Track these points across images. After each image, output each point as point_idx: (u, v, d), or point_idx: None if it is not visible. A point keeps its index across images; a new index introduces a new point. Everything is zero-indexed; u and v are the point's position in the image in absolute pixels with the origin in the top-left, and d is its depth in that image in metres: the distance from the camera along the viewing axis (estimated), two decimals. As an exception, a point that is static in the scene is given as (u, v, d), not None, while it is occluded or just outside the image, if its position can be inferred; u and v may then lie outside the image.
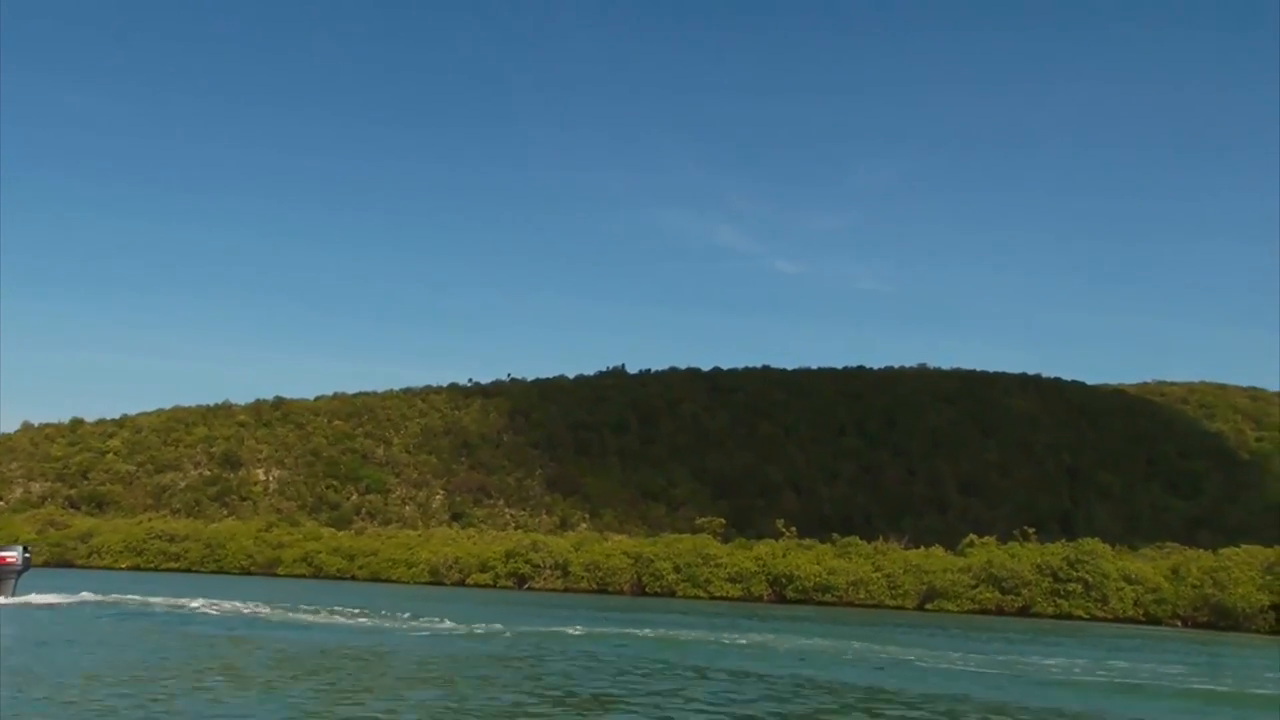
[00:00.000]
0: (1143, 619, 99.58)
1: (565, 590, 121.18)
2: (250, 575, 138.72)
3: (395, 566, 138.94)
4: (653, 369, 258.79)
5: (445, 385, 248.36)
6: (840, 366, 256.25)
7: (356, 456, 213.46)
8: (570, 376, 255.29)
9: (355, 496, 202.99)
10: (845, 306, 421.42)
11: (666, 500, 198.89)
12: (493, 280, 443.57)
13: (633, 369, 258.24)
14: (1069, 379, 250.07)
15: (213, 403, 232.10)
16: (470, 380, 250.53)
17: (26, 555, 52.88)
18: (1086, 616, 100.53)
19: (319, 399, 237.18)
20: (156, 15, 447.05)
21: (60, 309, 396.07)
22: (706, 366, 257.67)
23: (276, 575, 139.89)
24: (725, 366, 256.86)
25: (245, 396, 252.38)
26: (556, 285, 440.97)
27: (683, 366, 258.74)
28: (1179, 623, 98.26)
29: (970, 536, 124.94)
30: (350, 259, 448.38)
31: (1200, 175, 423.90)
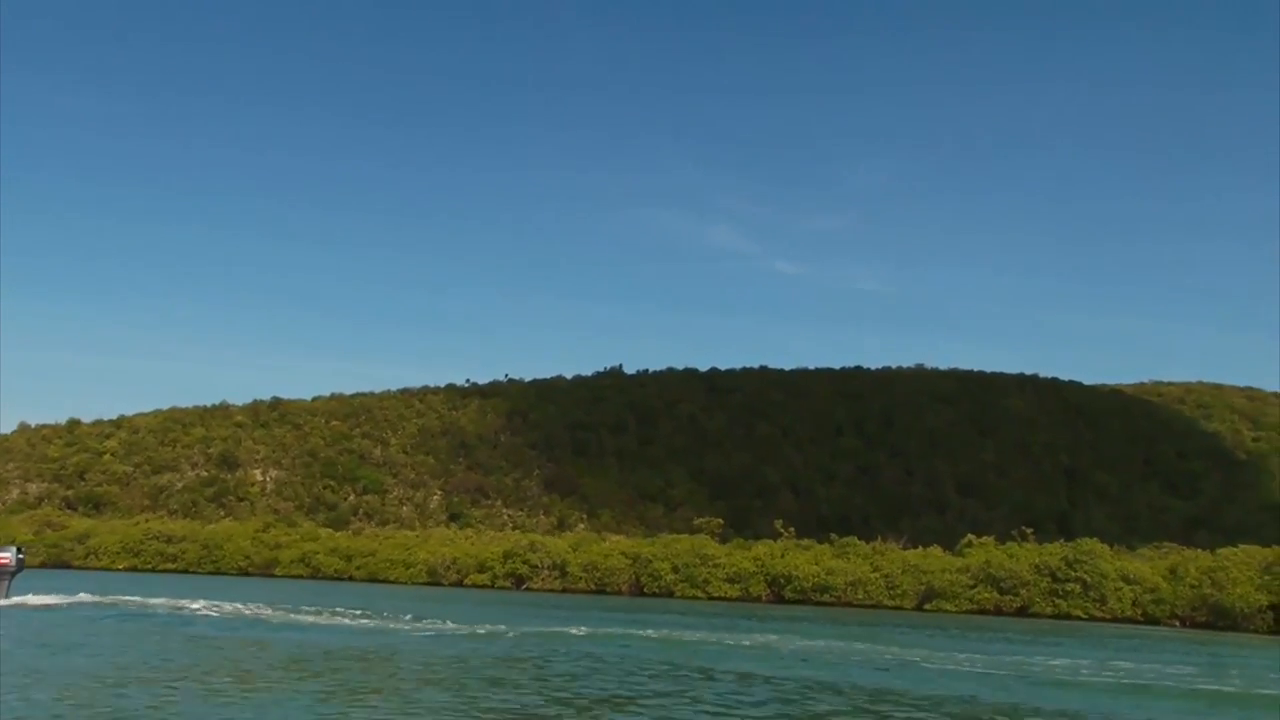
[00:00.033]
0: (1141, 619, 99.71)
1: (563, 591, 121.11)
2: (248, 576, 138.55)
3: (393, 567, 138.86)
4: (650, 369, 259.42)
5: (443, 386, 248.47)
6: (838, 367, 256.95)
7: (354, 457, 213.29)
8: (568, 377, 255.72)
9: (353, 497, 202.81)
10: (843, 307, 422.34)
11: (664, 501, 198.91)
12: (490, 281, 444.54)
13: (630, 369, 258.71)
14: (1066, 379, 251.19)
15: (210, 403, 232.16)
16: (468, 381, 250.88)
17: (20, 556, 52.05)
18: (1085, 617, 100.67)
19: (316, 399, 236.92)
20: (156, 15, 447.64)
21: (57, 309, 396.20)
22: (704, 367, 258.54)
23: (274, 576, 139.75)
24: (723, 367, 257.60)
25: (242, 397, 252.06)
26: (554, 286, 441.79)
27: (680, 367, 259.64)
28: (1177, 623, 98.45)
29: (969, 537, 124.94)
30: (347, 259, 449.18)
31: (1199, 176, 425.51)
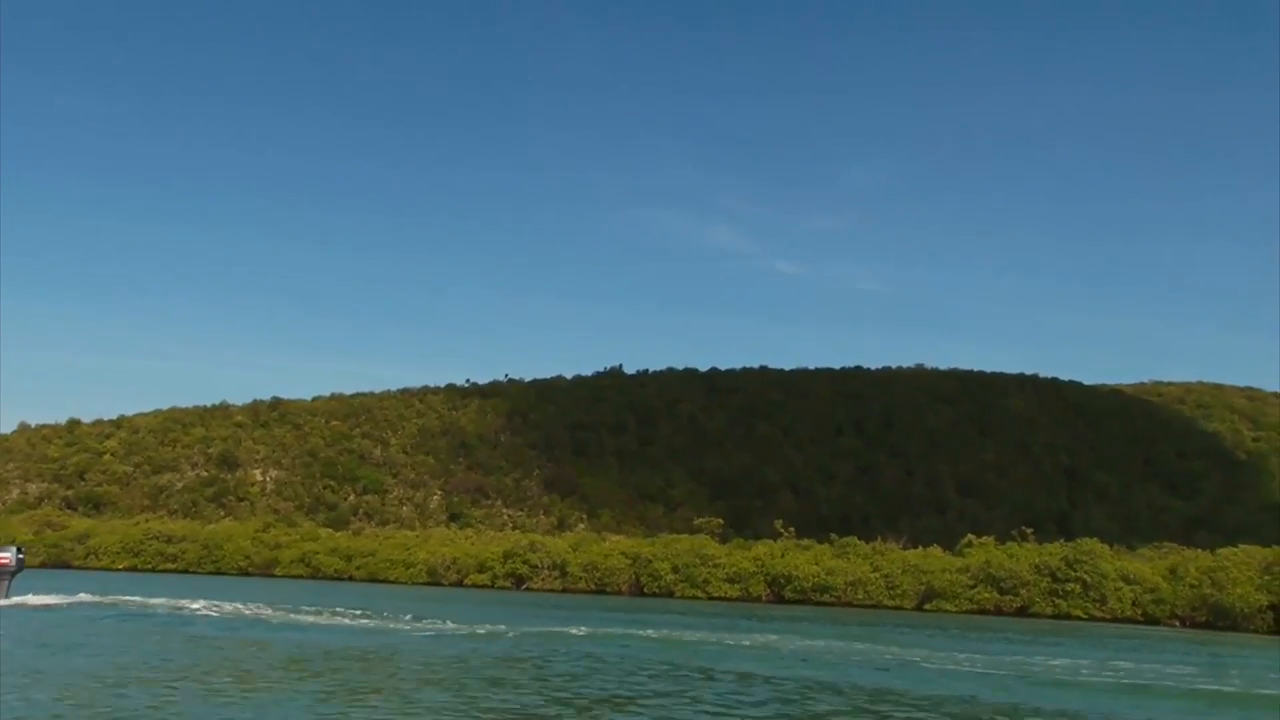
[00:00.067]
0: (1141, 619, 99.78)
1: (563, 591, 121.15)
2: (248, 576, 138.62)
3: (393, 567, 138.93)
4: (650, 369, 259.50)
5: (443, 386, 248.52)
6: (838, 367, 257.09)
7: (354, 457, 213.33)
8: (568, 377, 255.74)
9: (353, 497, 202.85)
10: (843, 307, 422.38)
11: (664, 501, 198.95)
12: (490, 281, 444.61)
13: (630, 369, 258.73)
14: (1066, 379, 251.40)
15: (210, 403, 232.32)
16: (468, 381, 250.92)
17: (20, 556, 51.91)
18: (1085, 617, 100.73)
19: (316, 399, 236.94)
20: (156, 15, 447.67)
21: (57, 309, 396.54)
22: (704, 367, 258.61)
23: (274, 576, 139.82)
24: (723, 367, 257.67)
25: (242, 397, 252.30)
26: (554, 286, 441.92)
27: (680, 367, 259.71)
28: (1177, 623, 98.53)
29: (968, 537, 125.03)
30: (347, 259, 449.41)
31: (1199, 176, 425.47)
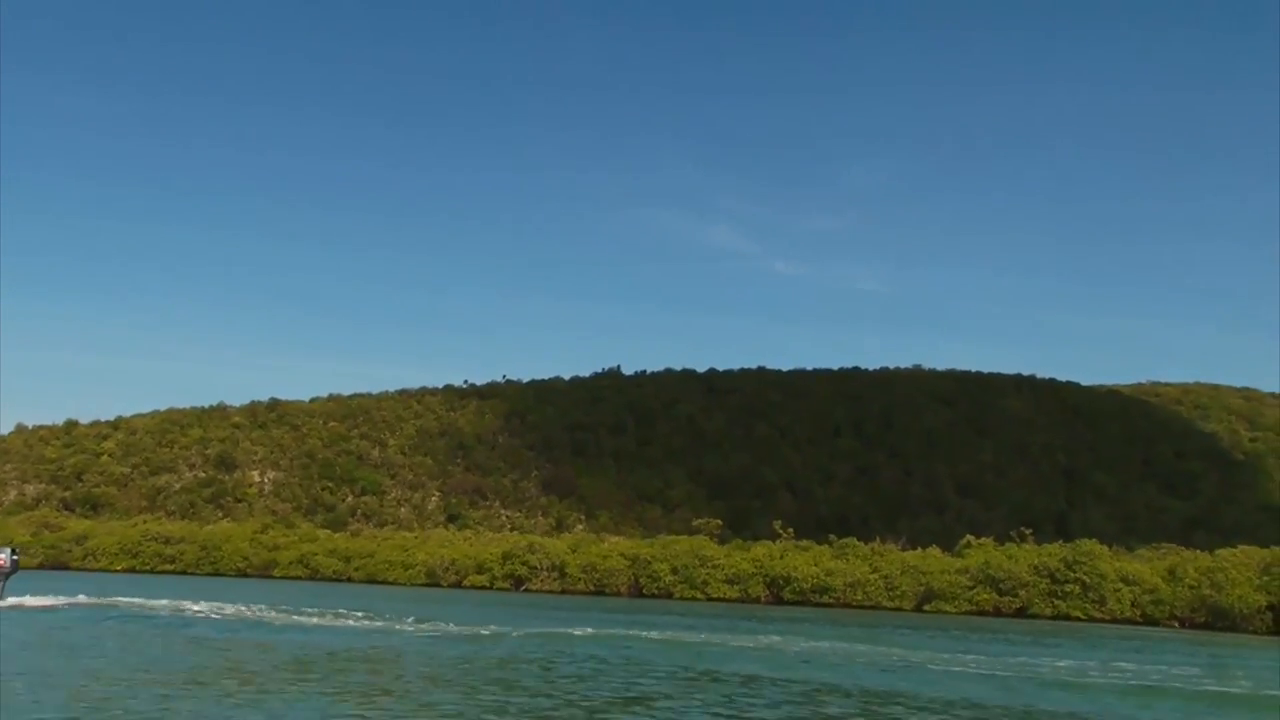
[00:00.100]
0: (1140, 620, 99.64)
1: (562, 592, 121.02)
2: (246, 577, 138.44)
3: (391, 568, 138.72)
4: (649, 370, 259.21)
5: (441, 387, 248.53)
6: (836, 368, 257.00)
7: (352, 458, 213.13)
8: (566, 378, 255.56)
9: (351, 498, 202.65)
10: (842, 307, 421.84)
11: (662, 502, 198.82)
12: (490, 281, 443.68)
13: (629, 370, 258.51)
14: (1064, 380, 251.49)
15: (207, 404, 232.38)
16: (466, 382, 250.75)
17: (15, 557, 51.83)
18: (1084, 618, 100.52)
19: (314, 401, 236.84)
20: (156, 15, 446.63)
21: (55, 310, 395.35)
22: (702, 368, 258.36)
23: (272, 577, 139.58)
24: (721, 368, 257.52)
25: (240, 398, 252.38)
26: (552, 286, 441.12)
27: (679, 368, 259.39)
28: (1176, 624, 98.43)
29: (967, 538, 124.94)
30: (347, 259, 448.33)
31: (1199, 176, 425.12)
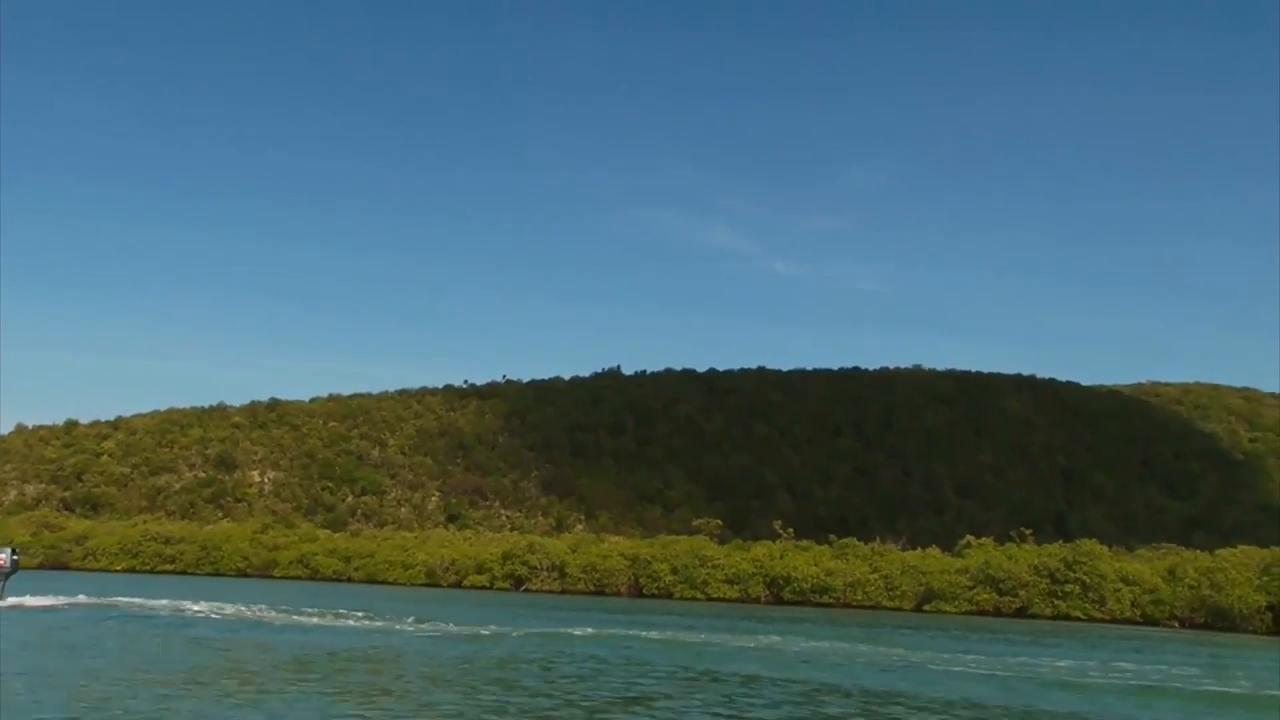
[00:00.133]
0: (1140, 620, 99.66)
1: (562, 592, 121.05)
2: (246, 577, 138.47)
3: (391, 568, 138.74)
4: (648, 370, 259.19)
5: (441, 387, 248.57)
6: (836, 368, 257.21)
7: (352, 458, 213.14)
8: (566, 378, 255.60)
9: (350, 498, 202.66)
10: (841, 308, 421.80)
11: (662, 502, 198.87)
12: (490, 281, 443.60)
13: (628, 370, 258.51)
14: (1063, 380, 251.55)
15: (207, 404, 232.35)
16: (466, 382, 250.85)
17: (15, 557, 51.71)
18: (1084, 618, 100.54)
19: (314, 401, 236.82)
20: (156, 15, 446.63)
21: (54, 310, 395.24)
22: (702, 368, 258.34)
23: (272, 577, 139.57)
24: (721, 368, 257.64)
25: (240, 398, 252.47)
26: (552, 286, 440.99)
27: (678, 368, 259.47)
28: (1176, 624, 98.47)
29: (967, 538, 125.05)
30: (345, 260, 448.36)
31: (1199, 176, 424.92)
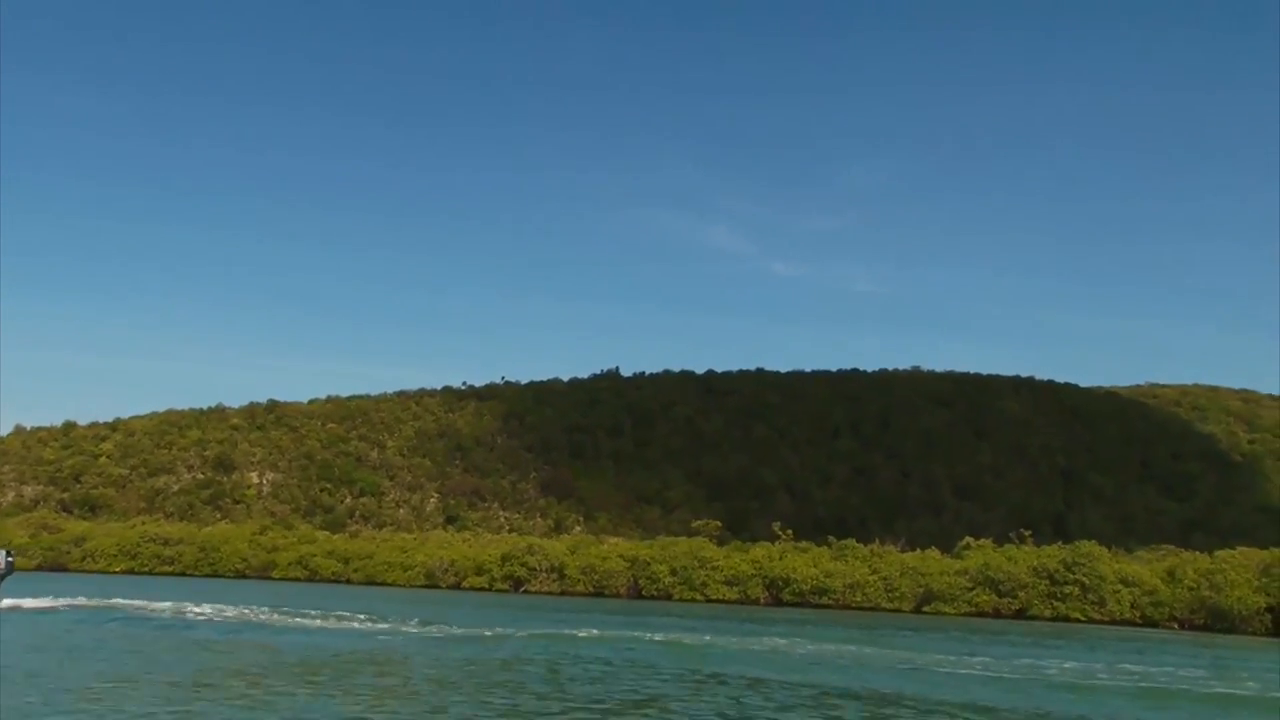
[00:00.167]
0: (1139, 621, 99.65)
1: (561, 593, 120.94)
2: (245, 579, 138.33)
3: (391, 570, 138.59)
4: (647, 372, 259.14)
5: (439, 388, 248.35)
6: (834, 369, 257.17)
7: (350, 459, 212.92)
8: (564, 379, 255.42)
9: (349, 499, 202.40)
10: (840, 309, 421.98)
11: (661, 503, 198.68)
12: (490, 281, 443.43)
13: (627, 371, 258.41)
14: (1062, 381, 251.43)
15: (206, 406, 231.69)
16: (464, 383, 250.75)
17: (10, 559, 51.31)
18: (1083, 619, 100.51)
19: (313, 402, 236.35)
20: (156, 15, 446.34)
21: (53, 310, 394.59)
22: (700, 369, 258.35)
23: (271, 579, 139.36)
24: (719, 369, 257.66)
25: (239, 399, 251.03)
26: (552, 287, 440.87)
27: (677, 369, 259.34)
28: (1175, 625, 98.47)
29: (966, 539, 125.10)
30: (345, 260, 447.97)
31: (1199, 176, 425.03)
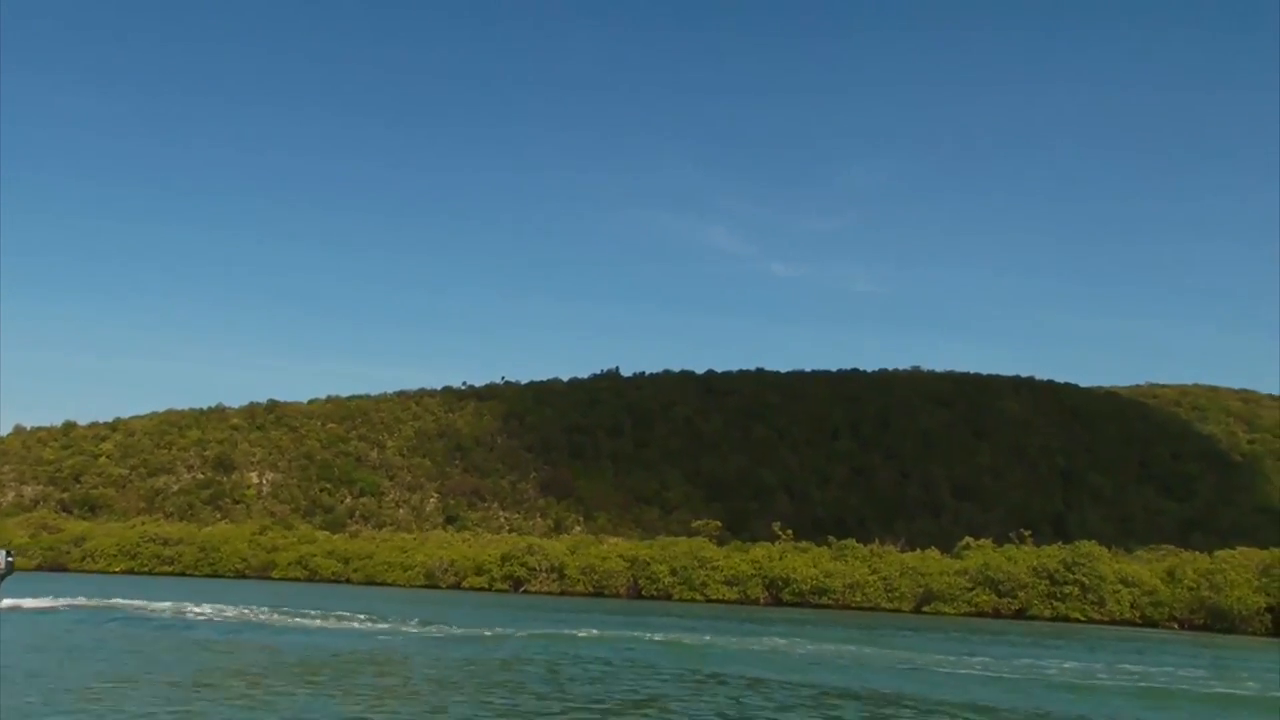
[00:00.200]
0: (1139, 621, 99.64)
1: (561, 594, 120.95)
2: (245, 579, 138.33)
3: (390, 570, 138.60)
4: (646, 372, 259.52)
5: (439, 388, 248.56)
6: (834, 369, 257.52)
7: (350, 459, 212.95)
8: (564, 379, 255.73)
9: (349, 499, 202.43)
10: (839, 309, 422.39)
11: (660, 503, 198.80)
12: (488, 281, 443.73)
13: (627, 371, 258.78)
14: (1062, 381, 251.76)
15: (206, 406, 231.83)
16: (464, 383, 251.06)
17: (10, 559, 51.13)
18: (1083, 619, 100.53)
19: (312, 402, 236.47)
20: (156, 15, 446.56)
21: (52, 310, 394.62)
22: (700, 369, 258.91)
23: (271, 579, 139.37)
24: (719, 369, 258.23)
25: (239, 399, 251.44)
26: (552, 286, 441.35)
27: (676, 369, 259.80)
28: (1175, 625, 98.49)
29: (966, 539, 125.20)
30: (345, 260, 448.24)
31: (1199, 176, 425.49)
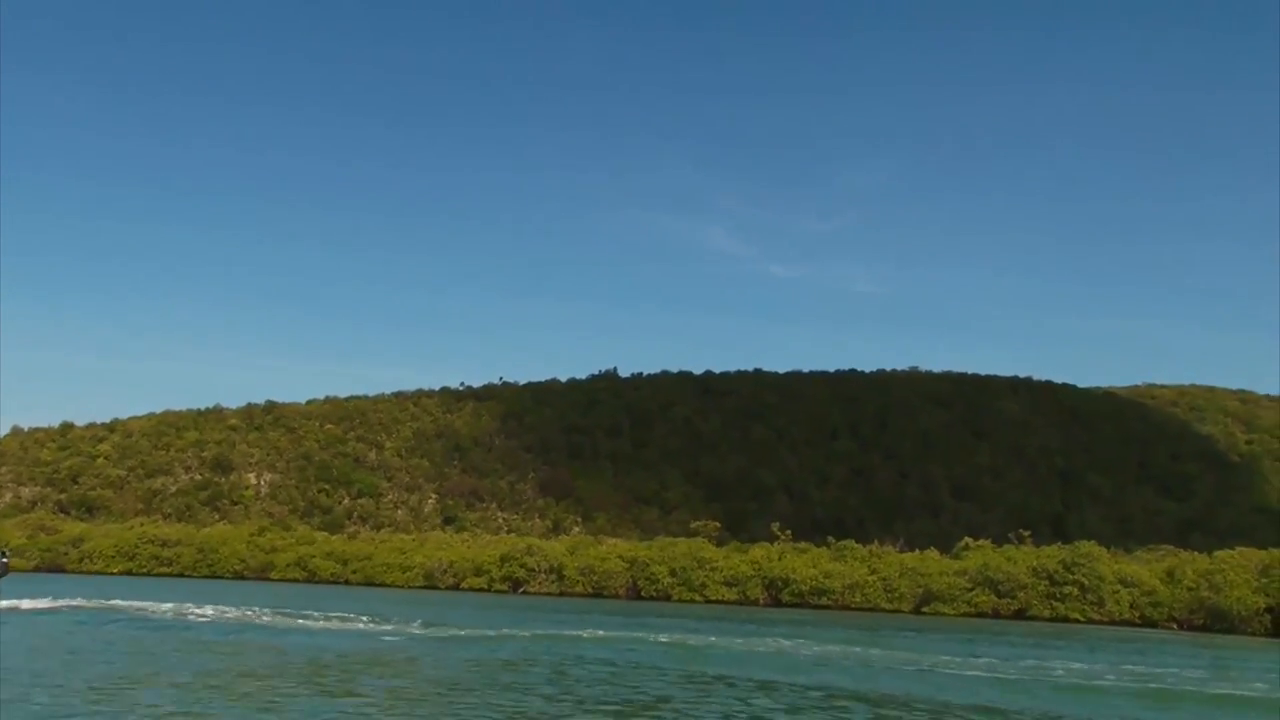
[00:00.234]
0: (1138, 622, 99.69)
1: (560, 594, 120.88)
2: (243, 580, 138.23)
3: (389, 571, 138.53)
4: (645, 372, 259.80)
5: (437, 389, 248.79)
6: (832, 370, 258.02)
7: (348, 460, 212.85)
8: (562, 380, 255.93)
9: (347, 500, 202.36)
10: (838, 309, 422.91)
11: (659, 504, 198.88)
12: (489, 281, 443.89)
13: (625, 372, 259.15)
14: (1060, 382, 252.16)
15: (204, 406, 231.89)
16: (462, 384, 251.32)
17: (5, 560, 50.87)
18: (1082, 620, 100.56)
19: (310, 403, 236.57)
20: (156, 15, 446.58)
21: (50, 311, 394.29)
22: (699, 370, 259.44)
23: (269, 580, 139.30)
24: (717, 370, 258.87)
25: (236, 400, 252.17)
26: (552, 287, 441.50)
27: (675, 370, 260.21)
28: (1175, 625, 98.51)
29: (965, 539, 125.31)
30: (344, 260, 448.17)
31: (1199, 176, 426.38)
